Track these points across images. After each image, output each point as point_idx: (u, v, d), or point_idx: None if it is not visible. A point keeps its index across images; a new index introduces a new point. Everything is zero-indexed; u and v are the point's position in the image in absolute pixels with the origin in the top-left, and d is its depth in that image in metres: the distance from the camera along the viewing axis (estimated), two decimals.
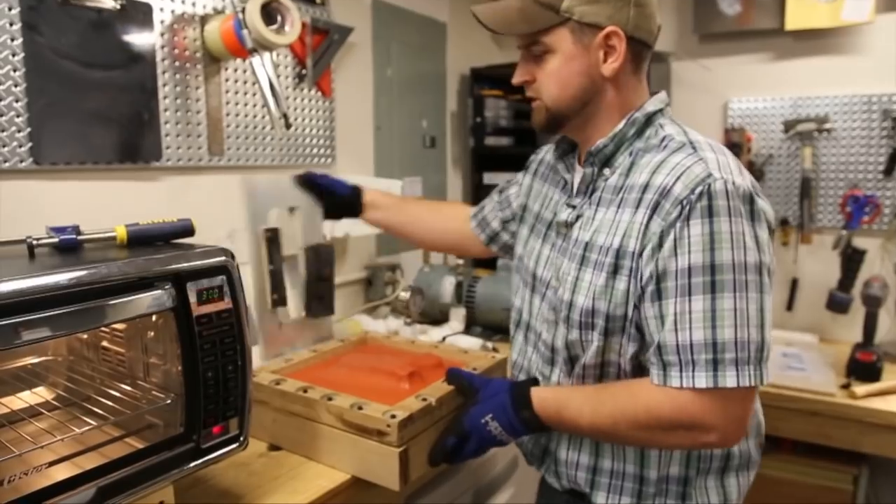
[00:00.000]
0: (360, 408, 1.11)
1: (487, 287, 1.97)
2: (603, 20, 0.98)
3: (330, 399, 1.15)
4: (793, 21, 2.36)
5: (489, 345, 1.66)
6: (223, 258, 0.94)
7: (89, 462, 0.85)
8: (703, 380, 0.89)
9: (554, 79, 1.03)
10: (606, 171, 1.04)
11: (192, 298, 0.89)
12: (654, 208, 0.94)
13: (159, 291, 0.84)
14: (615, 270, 0.98)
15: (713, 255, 0.89)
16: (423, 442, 1.13)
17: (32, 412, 1.03)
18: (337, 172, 2.05)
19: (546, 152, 1.26)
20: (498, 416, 1.06)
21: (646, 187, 0.96)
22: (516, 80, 1.09)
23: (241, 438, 0.98)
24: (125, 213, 1.49)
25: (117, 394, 1.03)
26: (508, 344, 1.23)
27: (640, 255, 0.95)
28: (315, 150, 1.98)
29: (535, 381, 1.11)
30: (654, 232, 0.93)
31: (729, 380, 0.88)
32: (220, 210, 1.71)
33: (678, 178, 0.92)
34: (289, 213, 1.54)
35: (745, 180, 0.93)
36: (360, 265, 2.21)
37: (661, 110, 1.05)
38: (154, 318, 0.95)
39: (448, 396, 1.20)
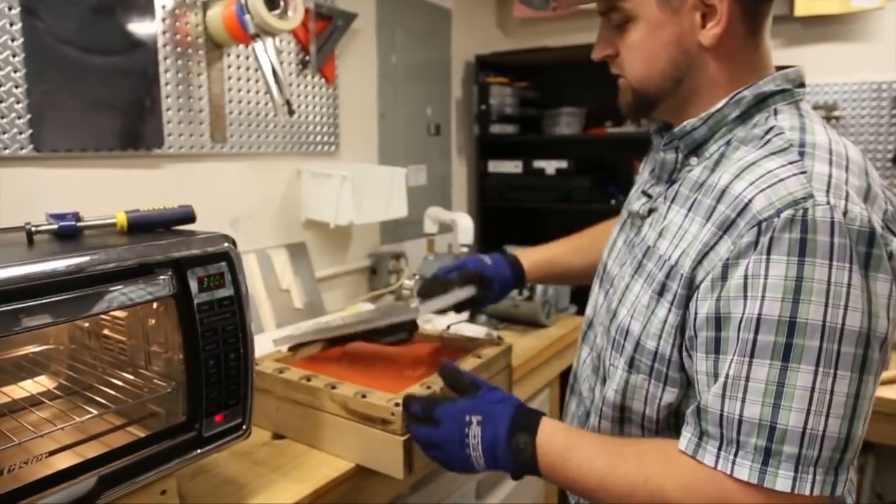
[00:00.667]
0: (364, 396, 1.10)
1: None
2: None
3: (334, 387, 1.14)
4: (802, 7, 2.34)
5: (494, 333, 1.64)
6: (225, 245, 0.92)
7: (91, 451, 0.84)
8: (745, 470, 0.68)
9: (638, 52, 0.83)
10: (693, 160, 0.84)
11: (194, 285, 0.87)
12: (726, 227, 0.72)
13: (159, 278, 0.82)
14: (661, 291, 0.79)
15: (796, 308, 0.66)
16: None
17: (34, 401, 1.02)
18: (340, 160, 2.04)
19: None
20: (485, 425, 0.88)
21: (722, 194, 0.75)
22: (596, 55, 0.89)
23: (244, 427, 0.97)
24: (127, 201, 1.48)
25: (119, 382, 1.02)
26: (514, 332, 1.21)
27: (695, 283, 0.75)
28: (318, 138, 1.96)
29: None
30: (721, 258, 0.72)
31: (780, 480, 0.66)
32: (223, 198, 1.71)
33: (762, 190, 0.70)
34: None
35: (868, 211, 0.68)
36: (364, 253, 2.19)
37: (783, 91, 0.81)
38: (155, 305, 0.93)
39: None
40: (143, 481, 0.86)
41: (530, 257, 1.31)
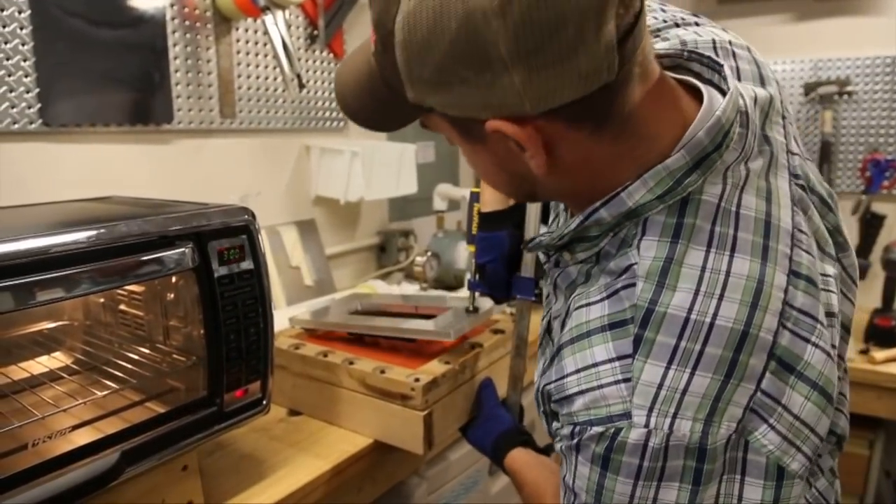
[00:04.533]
0: (382, 371, 1.09)
1: None
2: (475, 111, 0.57)
3: (351, 363, 1.13)
4: None
5: (508, 309, 1.63)
6: (245, 217, 0.91)
7: (111, 427, 0.83)
8: None
9: (473, 167, 0.69)
10: (566, 256, 0.70)
11: (214, 259, 0.86)
12: (553, 399, 0.65)
13: (181, 250, 0.81)
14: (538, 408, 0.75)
15: None
16: (447, 406, 1.11)
17: (51, 377, 1.01)
18: (349, 137, 2.02)
19: None
20: (483, 452, 1.11)
21: (557, 353, 0.65)
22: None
23: (264, 402, 0.97)
24: (137, 177, 1.47)
25: (137, 357, 1.01)
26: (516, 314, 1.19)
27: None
28: (327, 114, 1.94)
29: (523, 439, 1.06)
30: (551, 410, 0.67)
31: None
32: (232, 174, 1.69)
33: (582, 391, 0.60)
34: None
35: (706, 422, 0.56)
36: (373, 231, 2.18)
37: (660, 196, 0.60)
38: (174, 279, 0.92)
39: (471, 360, 1.18)
40: (165, 457, 0.86)
41: (492, 200, 1.14)
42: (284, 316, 1.36)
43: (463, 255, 1.96)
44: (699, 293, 0.57)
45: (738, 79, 0.69)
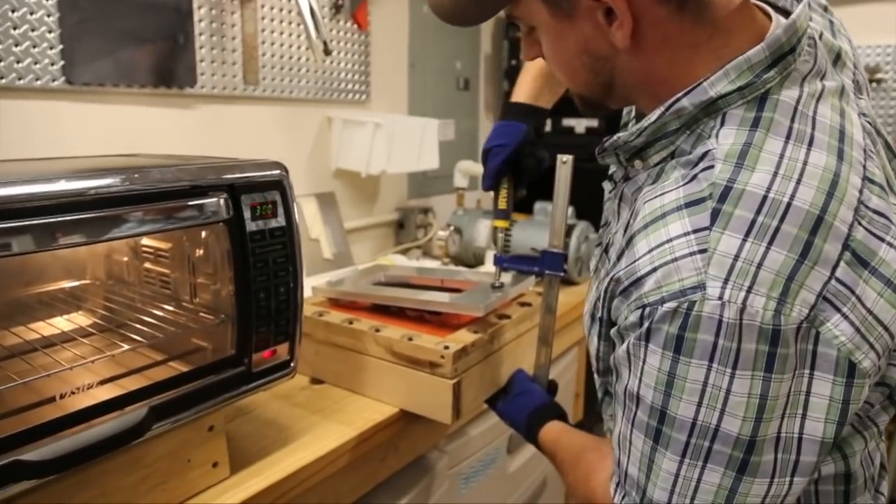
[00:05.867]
0: (410, 339, 1.07)
1: (524, 231, 1.90)
2: None
3: (378, 330, 1.11)
4: None
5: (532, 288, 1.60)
6: (278, 172, 0.88)
7: (136, 384, 0.81)
8: None
9: (553, 61, 0.71)
10: (637, 163, 0.72)
11: (247, 212, 0.83)
12: (622, 288, 0.63)
13: (215, 200, 0.78)
14: (592, 317, 0.76)
15: (667, 401, 0.59)
16: (476, 375, 1.09)
17: (71, 336, 0.98)
18: (371, 109, 1.99)
19: None
20: (514, 426, 1.08)
21: (629, 243, 0.64)
22: (524, 57, 0.79)
23: (291, 364, 0.94)
24: (158, 141, 1.44)
25: (162, 315, 0.98)
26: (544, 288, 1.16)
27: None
28: (349, 86, 1.90)
29: (559, 413, 1.05)
30: (620, 314, 0.64)
31: None
32: (254, 142, 1.66)
33: (654, 268, 0.59)
34: None
35: (780, 301, 0.54)
36: (392, 207, 2.15)
37: (741, 89, 0.61)
38: (203, 234, 0.90)
39: (500, 330, 1.15)
40: (192, 415, 0.83)
41: (526, 92, 1.13)
42: (305, 287, 1.34)
43: (483, 232, 1.93)
44: (777, 175, 0.58)
45: None
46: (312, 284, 1.33)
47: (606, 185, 0.87)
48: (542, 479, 1.83)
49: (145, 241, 1.00)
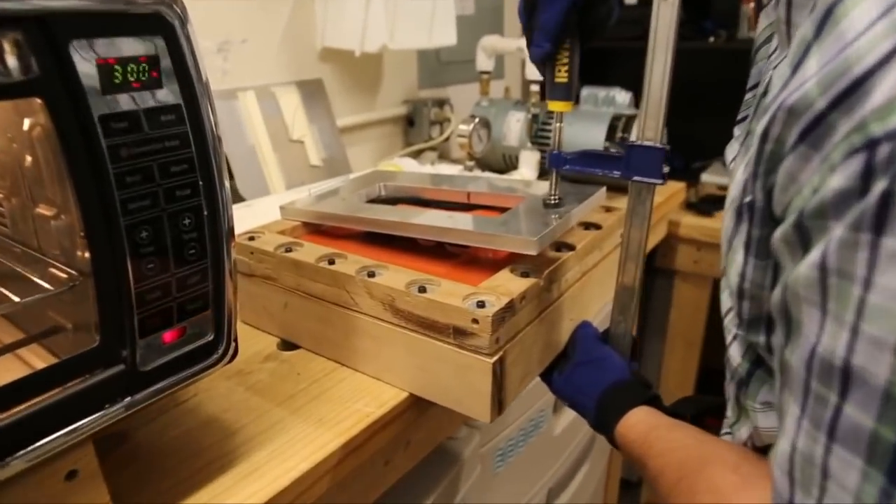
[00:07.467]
0: (422, 289, 0.67)
1: (570, 123, 1.48)
2: None
3: (371, 275, 0.71)
4: None
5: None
6: (158, 6, 0.46)
7: None
8: None
9: None
10: None
11: (91, 78, 0.42)
12: (774, 155, 0.40)
13: None
14: (738, 212, 0.47)
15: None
16: (528, 342, 0.70)
17: None
18: None
19: None
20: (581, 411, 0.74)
21: (823, 23, 0.39)
22: None
23: (221, 347, 0.55)
24: None
25: None
26: (617, 202, 0.76)
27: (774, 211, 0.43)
28: None
29: (648, 395, 0.68)
30: (769, 204, 0.43)
31: None
32: (207, 13, 1.23)
33: (890, 57, 0.34)
34: None
35: None
36: (399, 99, 1.72)
37: None
38: (27, 125, 0.49)
39: (560, 268, 0.76)
40: (34, 455, 0.45)
41: None
42: (273, 204, 0.94)
43: (515, 127, 1.50)
44: None
45: None
46: (282, 203, 0.93)
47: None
48: (590, 436, 1.48)
49: None
